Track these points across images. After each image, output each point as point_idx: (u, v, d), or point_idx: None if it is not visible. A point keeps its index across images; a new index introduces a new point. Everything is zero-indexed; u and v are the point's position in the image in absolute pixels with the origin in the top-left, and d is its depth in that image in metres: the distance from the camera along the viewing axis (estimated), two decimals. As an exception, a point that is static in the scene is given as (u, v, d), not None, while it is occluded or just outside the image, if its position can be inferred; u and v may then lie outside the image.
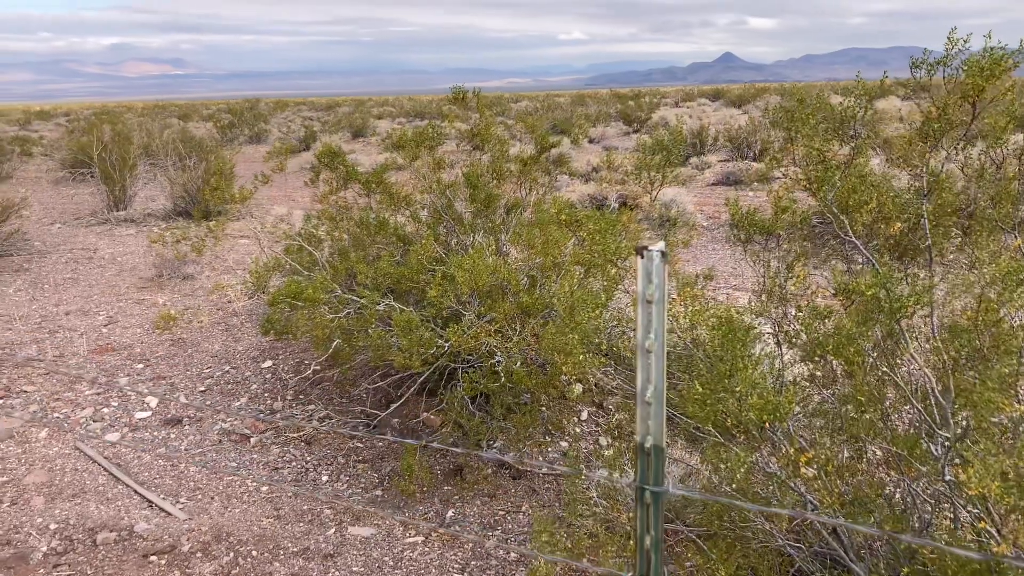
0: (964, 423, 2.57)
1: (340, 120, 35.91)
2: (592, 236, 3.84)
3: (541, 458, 4.84)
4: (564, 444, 5.03)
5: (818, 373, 3.04)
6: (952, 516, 2.79)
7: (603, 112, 34.85)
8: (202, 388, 6.17)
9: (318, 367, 6.16)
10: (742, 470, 2.55)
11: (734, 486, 2.77)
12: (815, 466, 2.59)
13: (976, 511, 2.37)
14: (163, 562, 3.92)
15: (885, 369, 2.75)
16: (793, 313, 3.15)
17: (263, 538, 4.11)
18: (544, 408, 4.80)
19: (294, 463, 4.98)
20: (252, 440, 5.29)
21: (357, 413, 5.47)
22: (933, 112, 3.13)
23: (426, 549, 4.04)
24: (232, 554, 3.98)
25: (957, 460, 2.48)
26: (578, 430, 5.20)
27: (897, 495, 2.98)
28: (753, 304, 3.37)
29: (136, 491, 4.62)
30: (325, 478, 4.81)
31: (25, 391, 6.10)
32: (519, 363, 4.27)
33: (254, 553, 3.99)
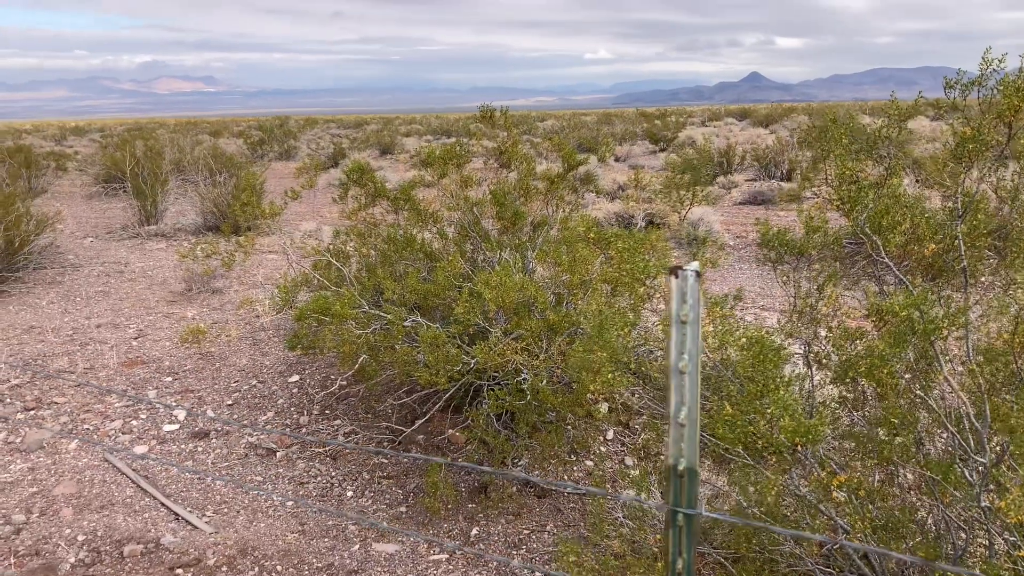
0: (1000, 448, 2.52)
1: (368, 137, 36.18)
2: (620, 255, 3.83)
3: (566, 477, 4.81)
4: (589, 463, 5.00)
5: (849, 395, 3.00)
6: (987, 543, 2.74)
7: (629, 131, 34.81)
8: (229, 402, 6.22)
9: (344, 382, 6.18)
10: (773, 493, 2.52)
11: (763, 509, 2.74)
12: (846, 490, 2.55)
13: (1013, 539, 2.33)
14: (189, 575, 3.93)
15: (918, 392, 2.71)
16: (824, 334, 3.12)
17: (288, 553, 4.12)
18: (570, 427, 4.78)
19: (319, 478, 5.00)
20: (278, 454, 5.32)
21: (382, 429, 5.48)
22: (967, 132, 3.10)
23: (450, 567, 4.03)
24: (257, 568, 3.99)
25: (993, 487, 2.43)
26: (603, 449, 5.17)
27: (930, 521, 2.93)
28: (783, 324, 3.33)
29: (163, 504, 4.65)
30: (350, 494, 4.81)
31: (56, 403, 6.18)
32: (545, 381, 4.25)
33: (279, 568, 4.00)
